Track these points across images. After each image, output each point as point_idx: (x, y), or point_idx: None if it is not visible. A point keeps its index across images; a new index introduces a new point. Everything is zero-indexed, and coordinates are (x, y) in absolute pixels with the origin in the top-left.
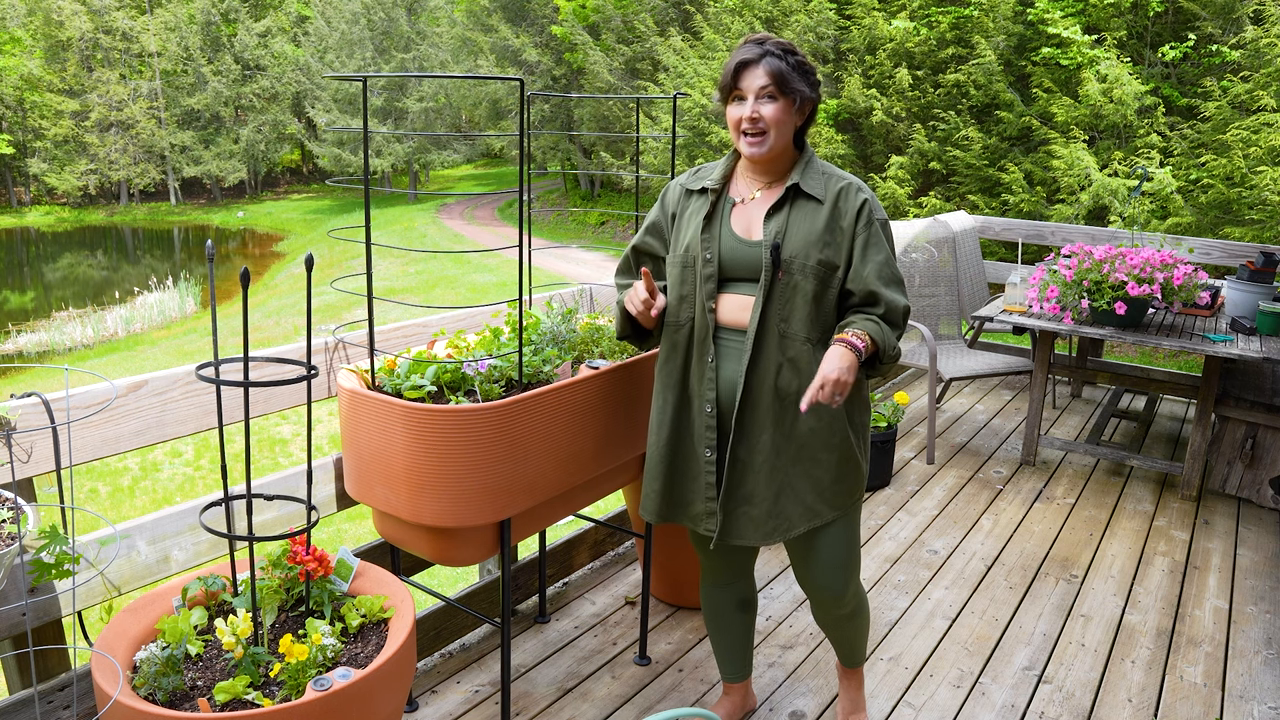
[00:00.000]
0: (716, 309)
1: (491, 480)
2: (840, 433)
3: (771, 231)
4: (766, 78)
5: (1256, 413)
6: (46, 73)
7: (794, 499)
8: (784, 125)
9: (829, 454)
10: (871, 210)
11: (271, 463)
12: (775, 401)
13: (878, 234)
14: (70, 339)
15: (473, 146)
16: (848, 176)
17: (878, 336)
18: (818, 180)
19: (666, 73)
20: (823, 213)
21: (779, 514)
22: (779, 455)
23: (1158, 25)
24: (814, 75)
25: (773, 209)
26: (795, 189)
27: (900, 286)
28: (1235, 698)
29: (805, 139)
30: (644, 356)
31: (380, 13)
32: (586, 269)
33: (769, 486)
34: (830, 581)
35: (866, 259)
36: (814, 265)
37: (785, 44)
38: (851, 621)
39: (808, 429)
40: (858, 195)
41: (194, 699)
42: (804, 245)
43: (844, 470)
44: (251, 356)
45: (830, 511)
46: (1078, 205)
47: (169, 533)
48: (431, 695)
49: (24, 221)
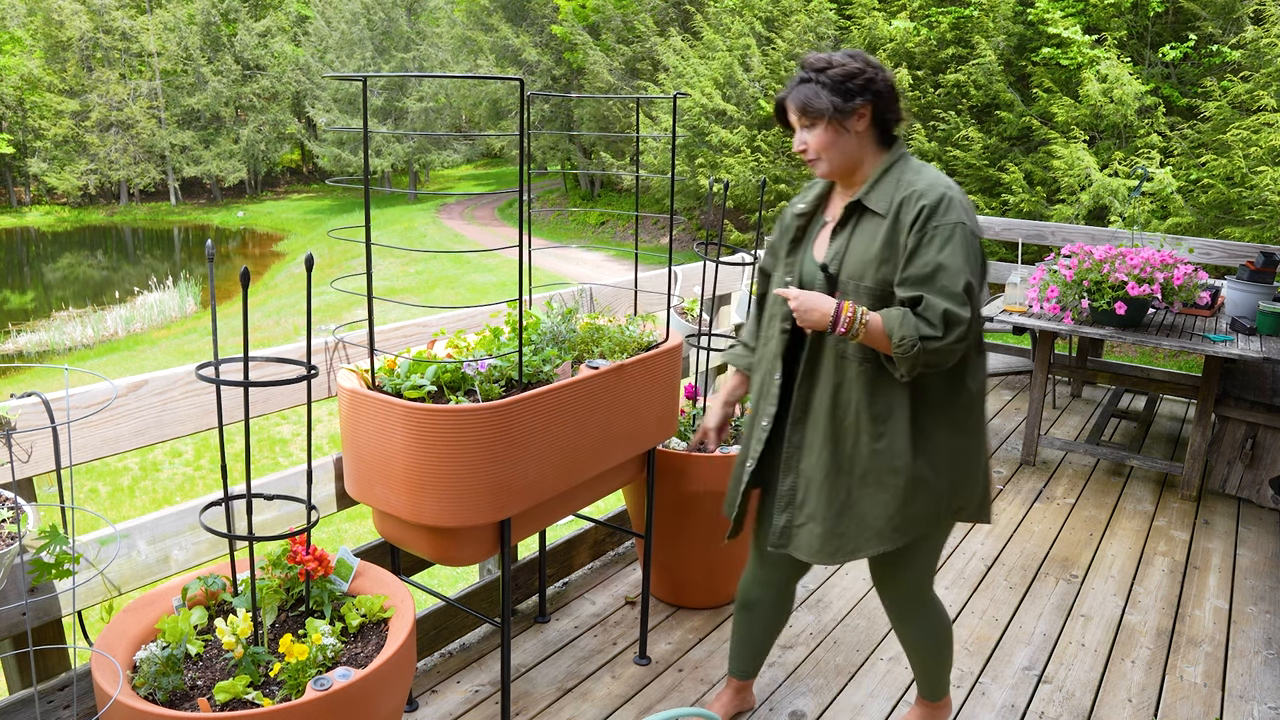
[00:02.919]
0: (793, 329)
1: (491, 480)
2: (904, 456)
3: (831, 253)
4: (795, 111)
5: (1256, 413)
6: (46, 73)
7: (856, 521)
8: (833, 145)
9: (894, 477)
10: (930, 215)
11: (271, 463)
12: (831, 421)
13: (934, 239)
14: (70, 339)
15: (473, 146)
16: (918, 183)
17: (890, 323)
18: (885, 192)
19: (666, 73)
20: (884, 228)
21: (840, 534)
22: (839, 474)
23: (1158, 25)
24: (856, 79)
25: (837, 227)
26: (858, 205)
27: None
28: (1235, 698)
29: (898, 141)
30: (644, 357)
31: (380, 13)
32: (586, 269)
33: (830, 506)
34: (896, 602)
35: (913, 260)
36: (869, 285)
37: (819, 61)
38: (924, 645)
39: (870, 451)
40: (917, 203)
41: (194, 699)
42: (860, 265)
43: (913, 495)
44: (251, 356)
45: (900, 538)
46: (1078, 205)
47: (169, 532)
48: (431, 695)
49: (24, 221)
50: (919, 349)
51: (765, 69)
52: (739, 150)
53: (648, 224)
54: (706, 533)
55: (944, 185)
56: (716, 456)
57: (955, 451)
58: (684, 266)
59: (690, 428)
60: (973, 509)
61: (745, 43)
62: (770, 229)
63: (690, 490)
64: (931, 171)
